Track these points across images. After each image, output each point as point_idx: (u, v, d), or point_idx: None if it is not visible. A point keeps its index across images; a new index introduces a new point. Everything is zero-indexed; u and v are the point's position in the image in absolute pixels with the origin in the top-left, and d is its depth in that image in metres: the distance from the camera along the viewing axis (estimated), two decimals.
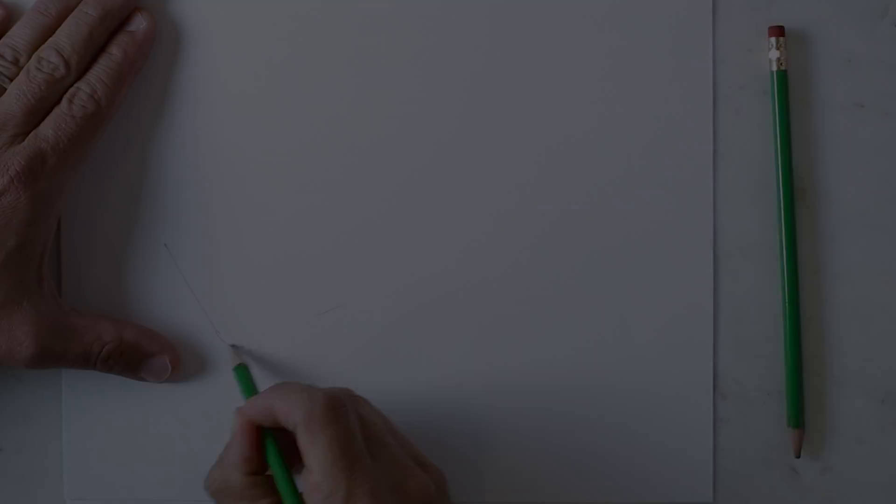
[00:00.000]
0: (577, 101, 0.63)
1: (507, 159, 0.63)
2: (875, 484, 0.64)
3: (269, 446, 0.56)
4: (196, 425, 0.63)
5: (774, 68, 0.63)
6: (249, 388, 0.60)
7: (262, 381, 0.62)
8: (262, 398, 0.57)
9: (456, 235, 0.63)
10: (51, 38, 0.60)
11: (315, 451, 0.54)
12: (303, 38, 0.63)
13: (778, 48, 0.62)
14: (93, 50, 0.61)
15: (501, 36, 0.63)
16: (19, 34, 0.61)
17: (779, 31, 0.62)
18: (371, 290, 0.63)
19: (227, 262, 0.63)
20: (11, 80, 0.60)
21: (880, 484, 0.64)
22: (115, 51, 0.61)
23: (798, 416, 0.63)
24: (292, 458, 0.57)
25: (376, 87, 0.63)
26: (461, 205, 0.63)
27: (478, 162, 0.63)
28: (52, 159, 0.59)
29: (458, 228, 0.63)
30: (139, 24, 0.62)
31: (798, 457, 0.63)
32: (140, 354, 0.61)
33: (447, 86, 0.63)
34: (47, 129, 0.59)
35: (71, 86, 0.60)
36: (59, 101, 0.60)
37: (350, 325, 0.63)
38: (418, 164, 0.62)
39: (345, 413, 0.55)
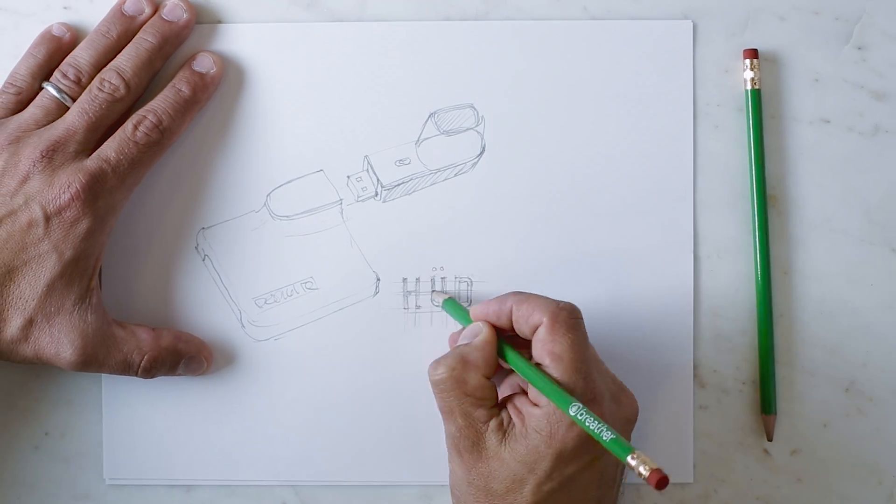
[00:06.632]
0: (572, 117, 0.64)
1: (510, 167, 0.64)
2: (839, 465, 0.65)
3: (508, 349, 0.58)
4: (225, 413, 0.64)
5: (749, 87, 0.64)
6: (463, 312, 0.61)
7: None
8: (496, 303, 0.58)
9: (454, 237, 0.64)
10: (112, 61, 0.61)
11: (556, 349, 0.56)
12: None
13: (752, 69, 0.64)
14: (151, 74, 0.62)
15: (503, 58, 0.65)
16: (82, 55, 0.62)
17: (753, 54, 0.64)
18: (383, 293, 0.65)
19: (255, 262, 0.64)
20: (74, 99, 0.61)
21: (844, 465, 0.65)
22: (184, 88, 0.62)
23: (770, 404, 0.64)
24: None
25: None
26: (460, 203, 0.65)
27: (479, 170, 0.65)
28: (111, 180, 0.60)
29: (456, 230, 0.64)
30: (210, 67, 0.63)
31: (770, 440, 0.65)
32: (177, 357, 0.63)
33: (454, 102, 0.65)
34: (110, 150, 0.60)
35: (129, 106, 0.61)
36: (117, 120, 0.61)
37: (365, 322, 0.65)
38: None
39: (583, 322, 0.57)
